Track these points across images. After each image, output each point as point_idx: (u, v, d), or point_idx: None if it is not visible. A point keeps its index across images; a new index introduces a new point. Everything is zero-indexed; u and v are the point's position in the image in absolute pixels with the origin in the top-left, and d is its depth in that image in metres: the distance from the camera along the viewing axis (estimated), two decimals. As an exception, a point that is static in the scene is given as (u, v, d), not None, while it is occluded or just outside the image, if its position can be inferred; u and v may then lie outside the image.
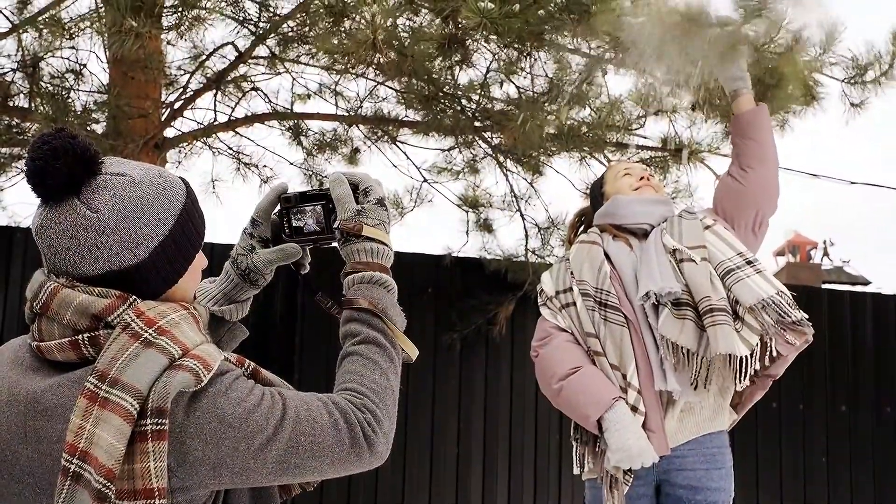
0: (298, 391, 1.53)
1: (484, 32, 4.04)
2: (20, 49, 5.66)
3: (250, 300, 1.84)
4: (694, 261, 2.97)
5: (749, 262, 3.01)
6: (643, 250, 3.09)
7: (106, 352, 1.40)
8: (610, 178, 3.37)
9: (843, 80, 5.04)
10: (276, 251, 1.76)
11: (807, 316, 2.94)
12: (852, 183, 6.35)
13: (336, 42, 4.68)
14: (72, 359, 1.44)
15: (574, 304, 3.08)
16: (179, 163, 6.72)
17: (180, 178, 1.58)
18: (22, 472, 1.43)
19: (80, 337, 1.43)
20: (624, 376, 2.95)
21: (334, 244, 1.73)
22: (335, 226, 1.70)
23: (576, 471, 3.11)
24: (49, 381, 1.43)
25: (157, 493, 1.36)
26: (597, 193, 3.39)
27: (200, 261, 1.59)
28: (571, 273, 3.13)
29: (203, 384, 1.40)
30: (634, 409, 2.91)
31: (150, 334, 1.41)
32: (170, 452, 1.38)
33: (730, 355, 2.89)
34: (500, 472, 6.43)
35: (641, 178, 3.28)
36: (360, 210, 1.68)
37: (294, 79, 6.59)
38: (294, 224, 1.76)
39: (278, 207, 1.78)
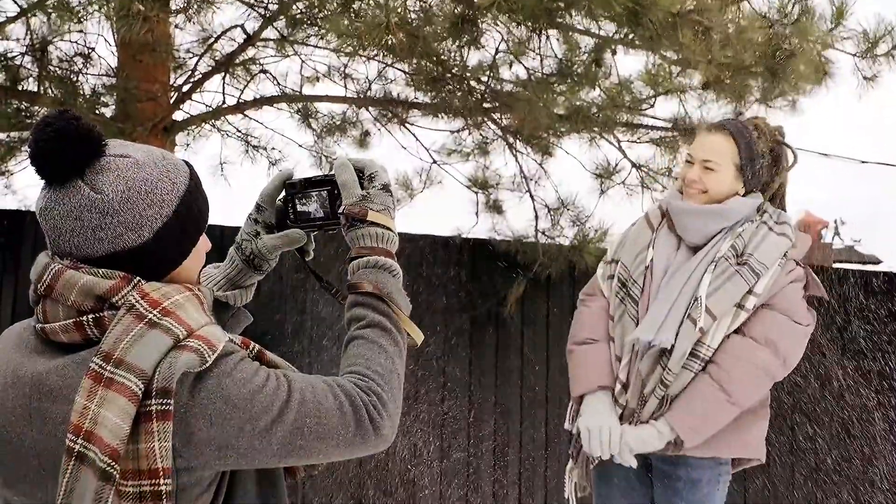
0: (304, 374, 1.53)
1: (497, 12, 4.02)
2: (29, 33, 5.67)
3: (255, 286, 1.85)
4: (695, 324, 2.87)
5: (707, 364, 2.90)
6: (672, 276, 2.97)
7: (111, 333, 1.40)
8: (691, 147, 3.10)
9: (854, 55, 5.02)
10: (281, 237, 1.77)
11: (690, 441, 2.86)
12: (863, 162, 6.33)
13: (347, 24, 4.66)
14: (76, 340, 1.45)
15: (614, 278, 3.11)
16: (188, 145, 6.72)
17: (184, 160, 1.58)
18: (27, 454, 1.44)
19: (84, 318, 1.44)
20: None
21: (339, 229, 1.73)
22: (340, 211, 1.70)
23: (566, 493, 3.17)
24: (53, 363, 1.44)
25: (161, 473, 1.37)
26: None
27: (204, 243, 1.59)
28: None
29: (208, 365, 1.41)
30: (615, 400, 2.97)
31: (154, 315, 1.41)
32: (175, 433, 1.38)
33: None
34: (511, 458, 6.44)
35: (698, 176, 3.00)
36: (366, 195, 1.69)
37: (303, 61, 6.58)
38: (299, 209, 1.76)
39: (283, 193, 1.78)
